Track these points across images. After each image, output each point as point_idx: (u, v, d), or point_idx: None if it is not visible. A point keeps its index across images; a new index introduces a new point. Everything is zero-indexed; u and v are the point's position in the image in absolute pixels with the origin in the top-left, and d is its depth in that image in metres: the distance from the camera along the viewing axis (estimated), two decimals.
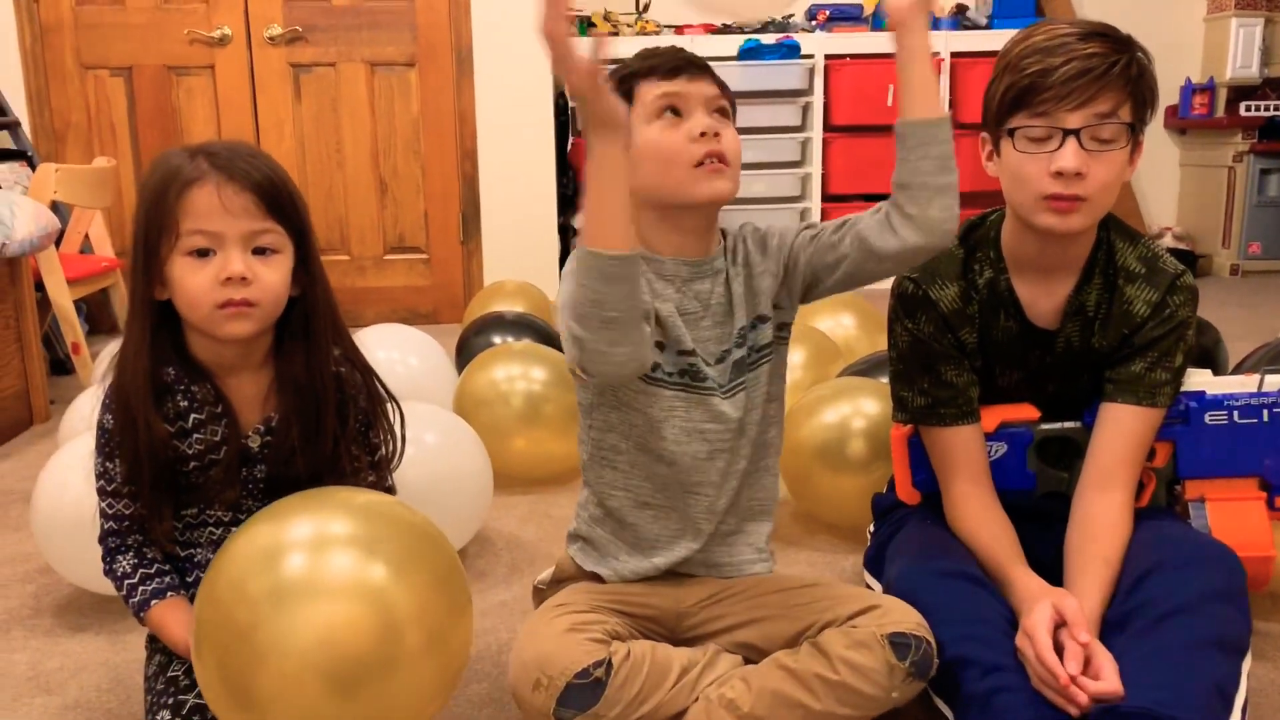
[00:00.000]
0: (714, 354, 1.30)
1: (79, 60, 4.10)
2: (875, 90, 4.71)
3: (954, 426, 1.42)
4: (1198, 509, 1.44)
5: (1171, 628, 1.16)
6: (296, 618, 1.01)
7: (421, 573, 1.08)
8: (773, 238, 1.33)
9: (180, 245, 1.14)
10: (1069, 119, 1.28)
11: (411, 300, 4.35)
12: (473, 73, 4.17)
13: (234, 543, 1.08)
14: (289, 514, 1.10)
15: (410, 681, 1.04)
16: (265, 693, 1.01)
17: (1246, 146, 4.95)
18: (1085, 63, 1.27)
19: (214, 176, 1.14)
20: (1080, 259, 1.39)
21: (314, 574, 1.04)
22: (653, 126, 1.25)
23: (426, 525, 1.15)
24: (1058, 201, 1.30)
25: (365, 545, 1.07)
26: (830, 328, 2.66)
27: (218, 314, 1.15)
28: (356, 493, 1.17)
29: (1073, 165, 1.27)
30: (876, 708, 1.22)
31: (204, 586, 1.08)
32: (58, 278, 3.02)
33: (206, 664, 1.05)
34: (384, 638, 1.02)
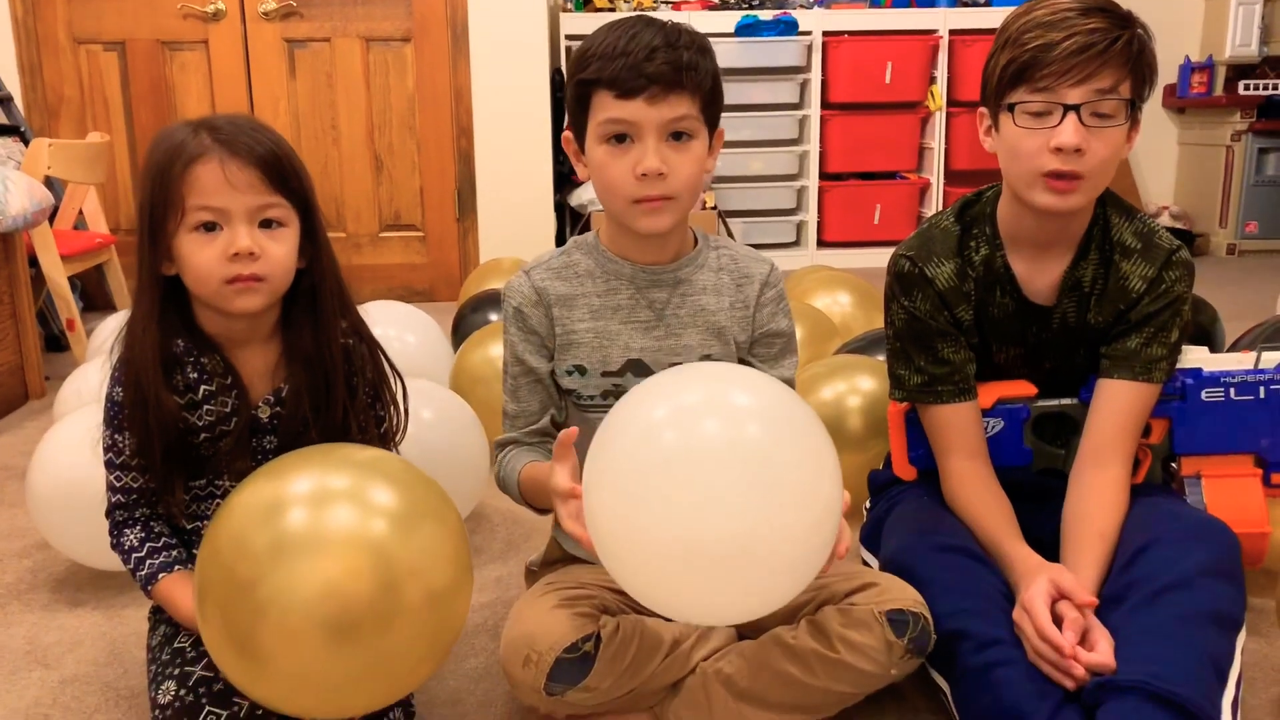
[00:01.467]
0: (662, 364, 1.29)
1: (72, 34, 4.07)
2: (874, 67, 4.70)
3: (951, 404, 1.42)
4: (1193, 485, 1.44)
5: (1167, 602, 1.16)
6: (297, 571, 1.02)
7: (424, 529, 1.08)
8: (752, 285, 1.31)
9: (186, 221, 1.14)
10: (1069, 94, 1.27)
11: (407, 278, 4.34)
12: (468, 48, 4.14)
13: (235, 498, 1.09)
14: (290, 470, 1.11)
15: (409, 635, 1.05)
16: (267, 645, 1.02)
17: (1245, 125, 4.94)
18: (1087, 38, 1.26)
19: (218, 151, 1.14)
20: (1077, 235, 1.39)
21: (315, 528, 1.04)
22: (600, 148, 1.20)
23: (430, 483, 1.15)
24: (1056, 180, 1.29)
25: (366, 500, 1.07)
26: (827, 305, 2.66)
27: (226, 289, 1.15)
28: (359, 449, 1.17)
29: (1072, 141, 1.26)
30: (875, 684, 1.22)
31: (206, 542, 1.08)
32: (52, 254, 3.01)
33: (210, 619, 1.06)
34: (383, 591, 1.03)
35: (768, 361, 1.33)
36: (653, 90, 1.15)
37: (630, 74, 1.15)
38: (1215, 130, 5.08)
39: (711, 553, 0.93)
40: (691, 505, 0.92)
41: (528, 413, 1.32)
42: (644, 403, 1.01)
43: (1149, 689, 1.07)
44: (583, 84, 1.19)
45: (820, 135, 4.81)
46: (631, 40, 1.16)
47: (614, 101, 1.16)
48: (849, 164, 4.85)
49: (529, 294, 1.29)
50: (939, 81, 4.78)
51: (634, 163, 1.17)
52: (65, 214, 3.44)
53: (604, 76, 1.16)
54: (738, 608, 1.01)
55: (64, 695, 1.40)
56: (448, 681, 1.41)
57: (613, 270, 1.29)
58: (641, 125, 1.17)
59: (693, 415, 0.98)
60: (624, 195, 1.20)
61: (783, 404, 1.01)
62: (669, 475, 0.94)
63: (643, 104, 1.16)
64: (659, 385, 1.03)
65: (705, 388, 1.01)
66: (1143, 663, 1.10)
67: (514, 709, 1.33)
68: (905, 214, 4.85)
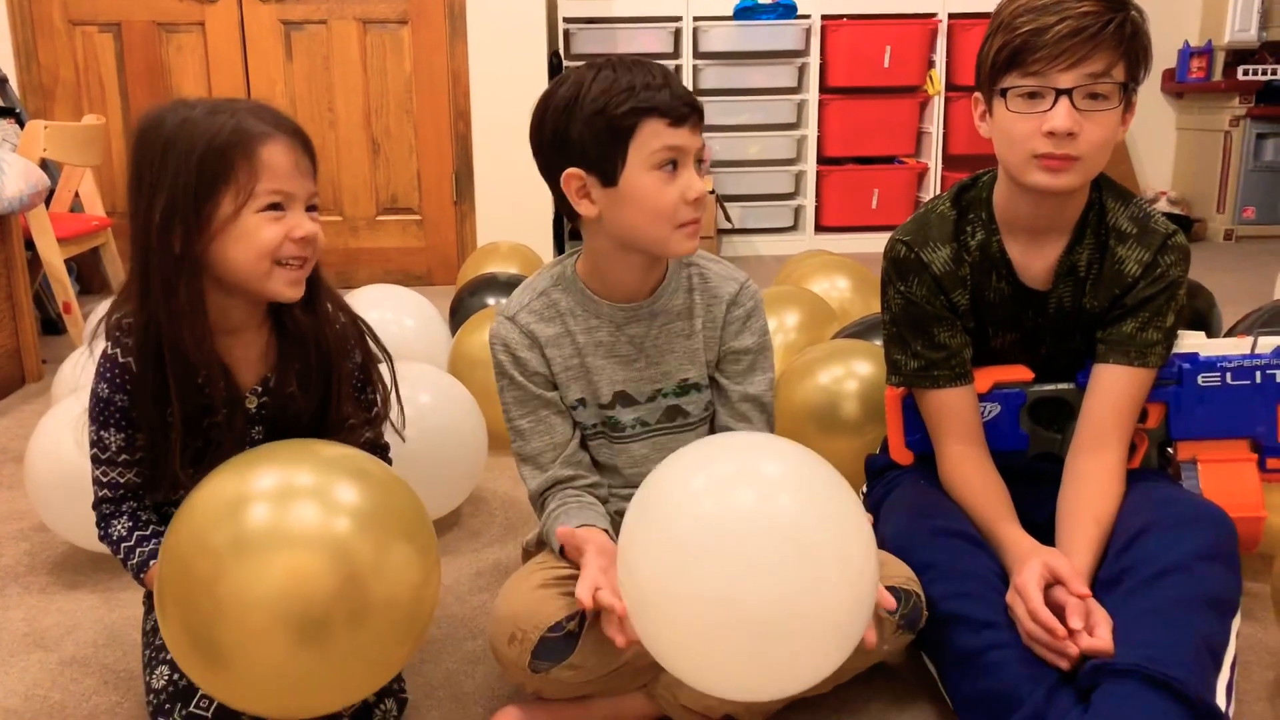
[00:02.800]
0: (645, 392, 1.33)
1: (67, 16, 4.05)
2: (872, 51, 4.68)
3: (948, 388, 1.43)
4: (1189, 470, 1.44)
5: (1163, 586, 1.17)
6: (258, 569, 0.99)
7: (385, 524, 1.06)
8: (720, 305, 1.33)
9: (254, 202, 1.11)
10: (1061, 78, 1.27)
11: (405, 261, 4.33)
12: (465, 31, 4.12)
13: (196, 494, 1.07)
14: (253, 465, 1.09)
15: (373, 633, 1.03)
16: (230, 646, 1.00)
17: (1243, 110, 4.93)
18: (1079, 21, 1.25)
19: (284, 135, 1.13)
20: (1072, 219, 1.39)
21: (276, 525, 1.02)
22: (651, 175, 1.20)
23: (392, 477, 1.13)
24: (1049, 160, 1.29)
25: (329, 496, 1.05)
26: (825, 290, 2.66)
27: (277, 271, 1.14)
28: (324, 445, 1.16)
29: (1064, 125, 1.26)
30: (866, 660, 1.24)
31: (166, 540, 1.06)
32: (48, 236, 3.00)
33: (170, 620, 1.03)
34: (347, 588, 1.00)
35: (734, 377, 1.34)
36: (694, 119, 1.21)
37: (678, 102, 1.19)
38: (1214, 115, 5.07)
39: (752, 619, 0.94)
40: (733, 572, 0.94)
41: (554, 444, 1.32)
42: (681, 473, 1.03)
43: (1144, 672, 1.07)
44: (632, 112, 1.18)
45: (818, 119, 4.80)
46: (651, 75, 1.19)
47: (667, 129, 1.19)
48: (847, 148, 4.84)
49: (520, 338, 1.31)
50: (938, 66, 4.76)
51: (684, 188, 1.21)
52: (61, 196, 3.42)
53: (657, 104, 1.18)
54: (775, 679, 1.00)
55: (62, 677, 1.40)
56: (445, 665, 1.41)
57: (592, 309, 1.31)
58: (686, 151, 1.21)
59: (731, 485, 1.00)
60: (672, 220, 1.22)
61: (815, 475, 1.02)
62: (710, 543, 0.95)
63: (688, 131, 1.20)
64: (694, 456, 1.05)
65: (739, 459, 1.04)
66: (1138, 646, 1.11)
67: (511, 691, 1.33)
68: (903, 198, 4.85)
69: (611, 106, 1.18)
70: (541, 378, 1.32)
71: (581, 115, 1.20)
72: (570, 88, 1.21)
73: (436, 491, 1.79)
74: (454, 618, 1.54)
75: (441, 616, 1.54)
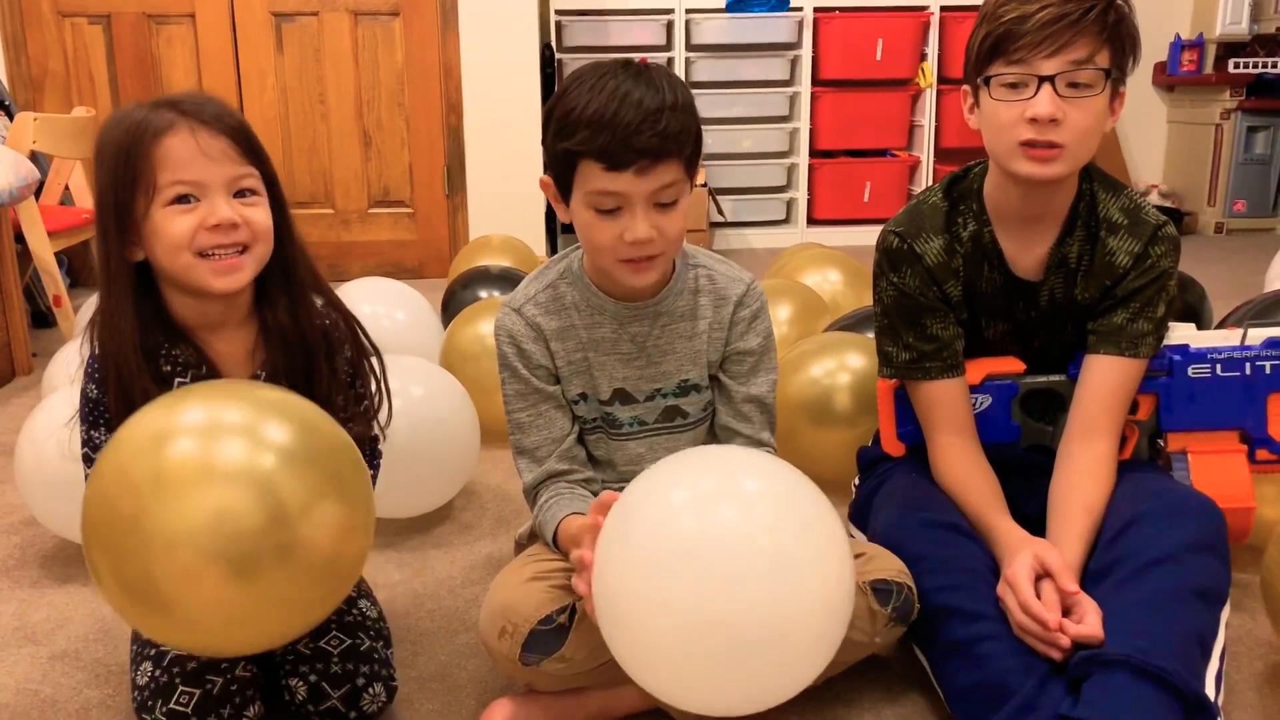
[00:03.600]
0: (644, 391, 1.33)
1: (56, 7, 4.02)
2: (865, 44, 4.69)
3: (939, 380, 1.43)
4: (1179, 461, 1.45)
5: (1153, 577, 1.17)
6: (183, 502, 0.95)
7: (314, 467, 1.02)
8: (727, 306, 1.32)
9: (159, 198, 1.10)
10: (1044, 65, 1.27)
11: (396, 254, 4.32)
12: (457, 23, 4.11)
13: (123, 429, 1.03)
14: (181, 401, 1.04)
15: (302, 570, 1.00)
16: (161, 585, 0.96)
17: (1234, 104, 4.94)
18: (1060, 9, 1.26)
19: (186, 123, 1.11)
20: (1062, 210, 1.39)
21: (201, 459, 0.98)
22: (586, 211, 1.19)
23: (327, 421, 1.09)
24: (1034, 149, 1.30)
25: (256, 434, 1.01)
26: (817, 283, 2.66)
27: (201, 265, 1.12)
28: (264, 388, 1.12)
29: (1046, 111, 1.27)
30: (858, 653, 1.24)
31: (92, 478, 1.02)
32: (38, 229, 2.98)
33: (98, 563, 1.00)
34: (273, 523, 0.97)
35: (737, 378, 1.34)
36: (641, 164, 1.14)
37: (620, 148, 1.13)
38: (1205, 108, 5.08)
39: (728, 633, 0.93)
40: (708, 587, 0.93)
41: (553, 438, 1.31)
42: (660, 487, 1.03)
43: (1134, 662, 1.08)
44: (569, 152, 1.17)
45: (811, 112, 4.80)
46: (620, 108, 1.13)
47: (602, 174, 1.15)
48: (839, 141, 4.85)
49: (525, 330, 1.30)
50: (930, 58, 4.77)
51: (623, 229, 1.17)
52: (51, 189, 3.41)
53: (591, 149, 1.14)
54: (748, 694, 1.00)
55: (53, 671, 1.40)
56: (438, 657, 1.41)
57: (596, 305, 1.31)
58: (630, 196, 1.16)
59: (709, 501, 1.00)
60: (611, 255, 1.21)
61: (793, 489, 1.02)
62: (685, 557, 0.95)
63: (632, 176, 1.15)
64: (672, 470, 1.04)
65: (718, 475, 1.03)
66: (1128, 636, 1.11)
67: (503, 684, 1.33)
68: (895, 191, 4.85)
69: (562, 135, 1.17)
70: (545, 371, 1.31)
71: (550, 129, 1.20)
72: (568, 93, 1.18)
73: (429, 485, 1.79)
74: (446, 610, 1.54)
75: (434, 609, 1.54)
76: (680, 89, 1.19)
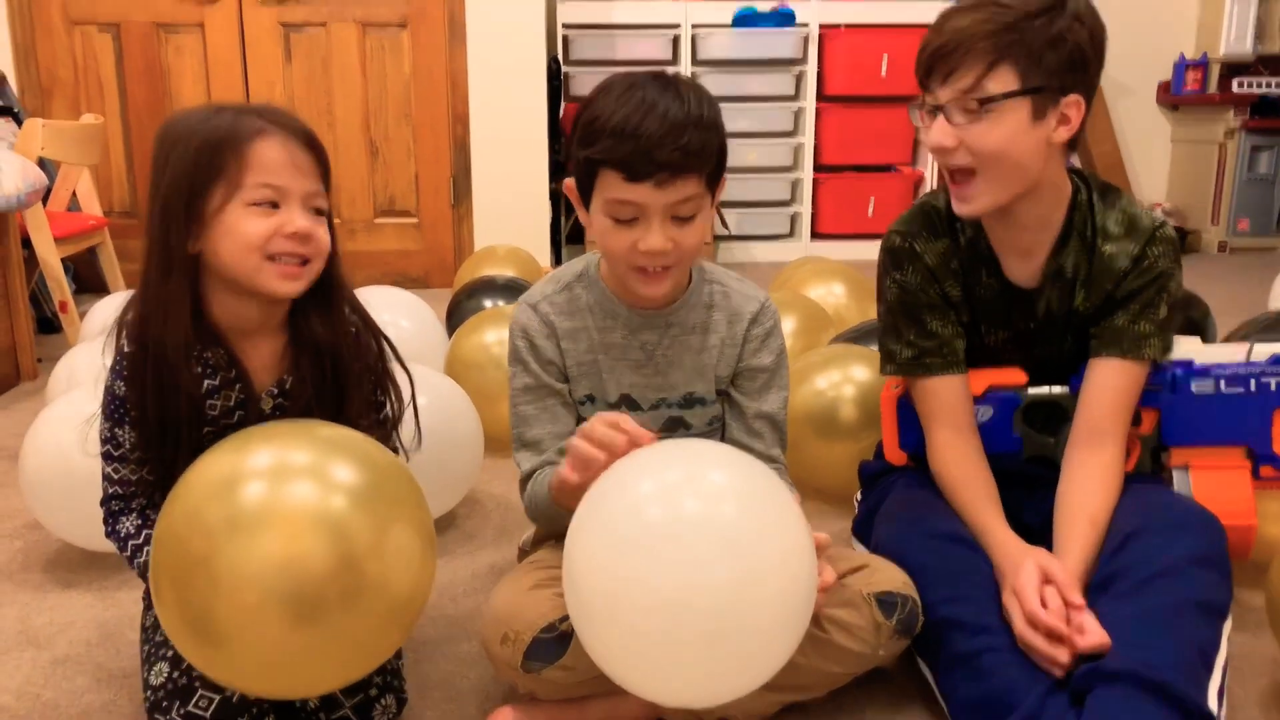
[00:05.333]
0: (650, 400, 1.34)
1: (66, 15, 4.04)
2: (870, 60, 4.70)
3: (940, 376, 1.43)
4: (1181, 476, 1.45)
5: (1155, 590, 1.17)
6: (253, 546, 0.98)
7: (383, 505, 1.05)
8: (740, 323, 1.33)
9: (242, 196, 1.12)
10: (940, 94, 1.30)
11: (402, 264, 4.33)
12: (465, 35, 4.13)
13: (191, 472, 1.06)
14: (249, 444, 1.08)
15: (370, 614, 1.02)
16: (225, 625, 0.99)
17: (1238, 123, 4.95)
18: (949, 36, 1.28)
19: (279, 131, 1.13)
20: (1056, 220, 1.39)
21: (271, 502, 1.01)
22: (603, 218, 1.21)
23: (391, 460, 1.13)
24: (952, 182, 1.33)
25: (325, 475, 1.04)
26: (821, 296, 2.67)
27: (268, 266, 1.13)
28: (323, 425, 1.15)
29: (933, 140, 1.30)
30: (862, 664, 1.24)
31: (161, 518, 1.05)
32: (45, 235, 2.99)
33: (165, 599, 1.02)
34: (341, 567, 1.00)
35: (749, 394, 1.35)
36: (661, 176, 1.15)
37: (640, 159, 1.14)
38: (1208, 128, 5.09)
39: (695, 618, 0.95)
40: (675, 573, 0.95)
41: (556, 433, 1.32)
42: (629, 478, 1.05)
43: (1137, 676, 1.08)
44: (590, 160, 1.19)
45: (815, 127, 4.81)
46: (644, 120, 1.14)
47: (622, 183, 1.17)
48: (844, 156, 4.85)
49: (540, 326, 1.32)
50: None
51: (638, 239, 1.19)
52: (58, 195, 3.42)
53: (612, 158, 1.16)
54: (710, 683, 1.01)
55: (55, 675, 1.40)
56: (441, 666, 1.41)
57: (609, 309, 1.32)
58: (648, 207, 1.18)
59: (675, 491, 1.01)
60: (625, 263, 1.23)
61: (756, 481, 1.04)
62: (652, 544, 0.97)
63: (650, 188, 1.16)
64: (642, 462, 1.06)
65: (685, 466, 1.05)
66: (1131, 650, 1.11)
67: (506, 692, 1.33)
68: (900, 206, 4.85)
69: (586, 142, 1.19)
70: (555, 367, 1.32)
71: (575, 135, 1.22)
72: (595, 101, 1.20)
73: (432, 493, 1.76)
74: (449, 619, 1.54)
75: (437, 618, 1.54)
76: (708, 105, 1.20)
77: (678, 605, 0.95)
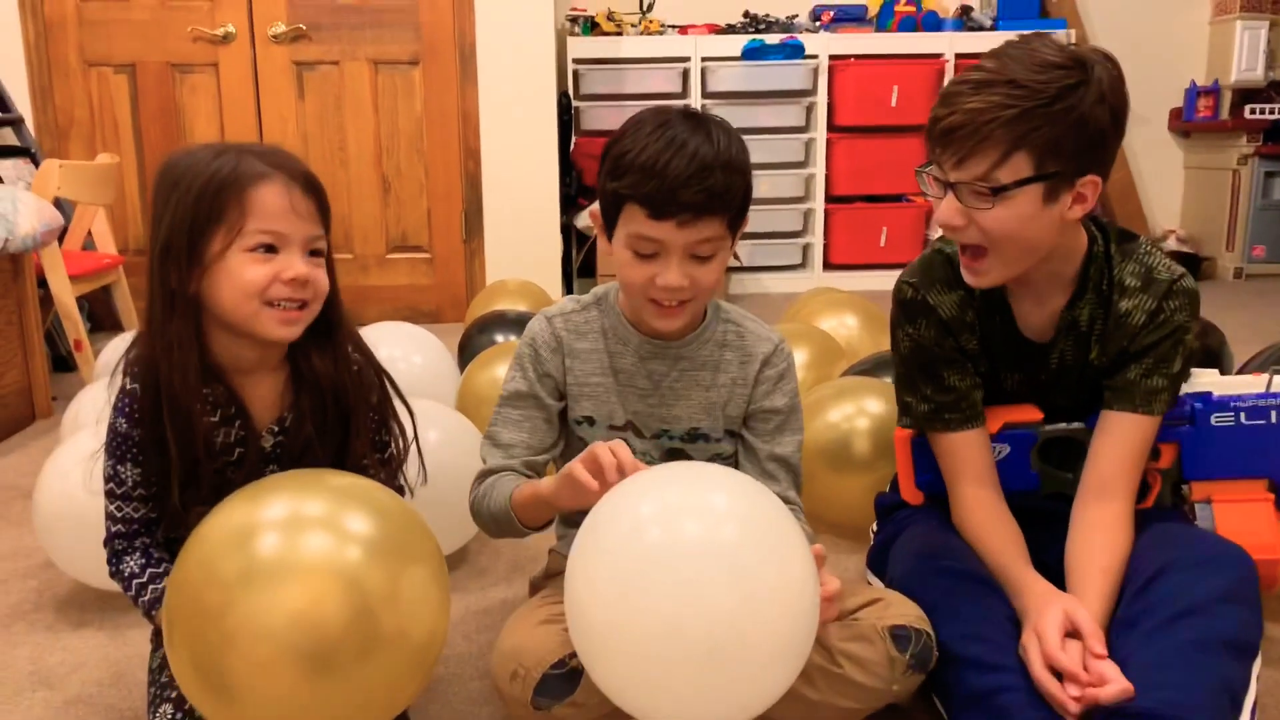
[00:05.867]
0: (651, 429, 1.35)
1: (83, 57, 4.10)
2: (879, 91, 4.71)
3: (959, 431, 1.41)
4: (1204, 511, 1.43)
5: (1181, 628, 1.15)
6: (268, 599, 0.98)
7: (398, 554, 1.06)
8: (753, 364, 1.33)
9: (241, 241, 1.12)
10: (951, 172, 1.25)
11: (414, 299, 4.34)
12: (476, 71, 4.17)
13: (206, 524, 1.06)
14: (263, 495, 1.08)
15: (384, 665, 1.02)
16: (238, 678, 0.98)
17: (1251, 149, 4.94)
18: (964, 117, 1.20)
19: (281, 176, 1.14)
20: (1070, 275, 1.36)
21: (286, 554, 1.01)
22: (624, 250, 1.23)
23: (403, 507, 1.13)
24: (964, 255, 1.30)
25: (339, 526, 1.04)
26: (833, 327, 2.66)
27: (265, 312, 1.14)
28: (335, 475, 1.15)
29: (943, 218, 1.27)
30: (877, 700, 1.22)
31: (176, 569, 1.05)
32: (60, 274, 3.01)
33: (178, 650, 1.02)
34: (358, 619, 0.99)
35: (762, 436, 1.35)
36: (684, 216, 1.17)
37: (665, 198, 1.16)
38: (1221, 154, 5.08)
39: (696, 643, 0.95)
40: (677, 597, 0.95)
41: (530, 445, 1.34)
42: (632, 500, 1.04)
43: (1161, 717, 1.05)
44: (617, 194, 1.20)
45: (826, 158, 4.82)
46: (673, 159, 1.16)
47: (645, 220, 1.19)
48: (855, 187, 4.86)
49: (549, 339, 1.34)
50: None
51: (656, 274, 1.21)
52: (74, 235, 3.45)
53: (638, 194, 1.18)
54: (715, 708, 1.00)
55: (66, 716, 1.39)
56: (452, 704, 1.40)
57: (622, 335, 1.33)
58: (668, 245, 1.20)
59: (676, 514, 1.01)
60: (642, 295, 1.24)
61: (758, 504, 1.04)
62: (654, 568, 0.97)
63: (673, 227, 1.18)
64: (644, 484, 1.06)
65: (687, 488, 1.05)
66: (1156, 689, 1.09)
67: None
68: (911, 237, 4.86)
69: (613, 175, 1.21)
70: (551, 382, 1.34)
71: (604, 167, 1.24)
72: (626, 135, 1.21)
73: (443, 528, 1.76)
74: (460, 656, 1.52)
75: (448, 655, 1.53)
76: (737, 147, 1.21)
77: (679, 629, 0.94)
